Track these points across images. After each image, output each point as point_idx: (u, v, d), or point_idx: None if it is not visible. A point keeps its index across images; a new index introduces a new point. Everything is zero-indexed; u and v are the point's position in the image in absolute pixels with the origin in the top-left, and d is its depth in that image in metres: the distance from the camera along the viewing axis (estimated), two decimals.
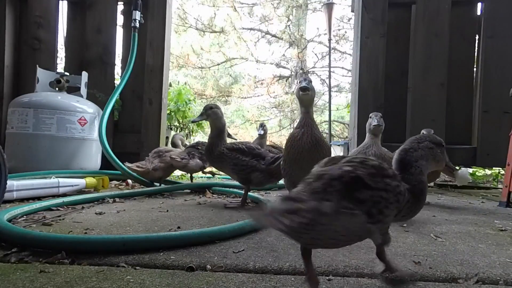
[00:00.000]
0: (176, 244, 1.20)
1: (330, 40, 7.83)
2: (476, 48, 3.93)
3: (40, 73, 3.28)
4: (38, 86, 3.24)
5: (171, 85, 5.76)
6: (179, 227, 1.50)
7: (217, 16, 14.04)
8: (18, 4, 3.93)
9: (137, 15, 3.59)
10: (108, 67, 3.91)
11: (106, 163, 3.23)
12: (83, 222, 1.57)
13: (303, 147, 1.70)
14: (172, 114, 5.55)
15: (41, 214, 1.71)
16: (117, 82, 3.82)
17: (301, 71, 14.27)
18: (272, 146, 3.00)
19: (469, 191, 3.49)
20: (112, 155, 2.99)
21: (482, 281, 1.00)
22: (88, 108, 3.23)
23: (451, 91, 3.81)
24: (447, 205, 2.46)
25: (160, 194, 2.57)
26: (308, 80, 1.69)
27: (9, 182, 1.74)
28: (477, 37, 3.92)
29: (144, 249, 1.15)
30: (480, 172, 4.88)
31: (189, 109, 5.80)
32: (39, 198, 2.13)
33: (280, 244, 1.28)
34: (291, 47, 14.35)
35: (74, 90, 3.39)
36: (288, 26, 14.14)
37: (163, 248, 1.17)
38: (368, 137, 1.95)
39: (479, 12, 3.93)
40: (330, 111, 7.52)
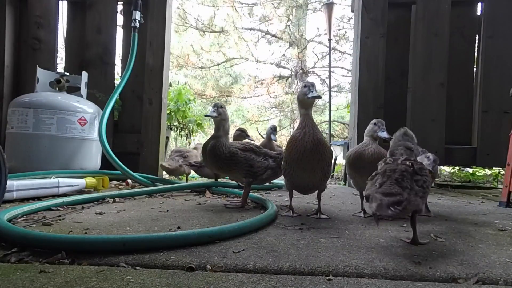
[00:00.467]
0: (176, 244, 1.20)
1: (330, 40, 7.81)
2: (476, 48, 3.93)
3: (40, 73, 3.28)
4: (38, 86, 3.24)
5: (171, 85, 5.75)
6: (179, 227, 1.50)
7: (217, 16, 14.04)
8: (18, 4, 3.93)
9: (137, 15, 3.59)
10: (108, 67, 3.91)
11: (106, 163, 3.23)
12: (83, 222, 1.57)
13: (305, 148, 1.72)
14: (172, 114, 5.54)
15: (41, 214, 1.71)
16: (117, 82, 3.82)
17: (301, 71, 14.26)
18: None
19: (469, 191, 3.49)
20: (112, 155, 3.00)
21: (482, 281, 1.00)
22: (88, 108, 3.23)
23: (451, 91, 3.81)
24: (447, 205, 2.46)
25: (160, 194, 2.57)
26: (315, 85, 1.74)
27: (9, 182, 1.74)
28: (477, 37, 3.92)
29: (144, 249, 1.15)
30: (480, 172, 4.88)
31: (189, 109, 5.79)
32: (39, 198, 2.13)
33: (280, 244, 1.28)
34: (291, 47, 14.34)
35: (74, 90, 3.39)
36: (288, 26, 14.13)
37: (163, 248, 1.17)
38: (367, 138, 1.95)
39: (479, 12, 3.93)
40: (330, 111, 7.50)
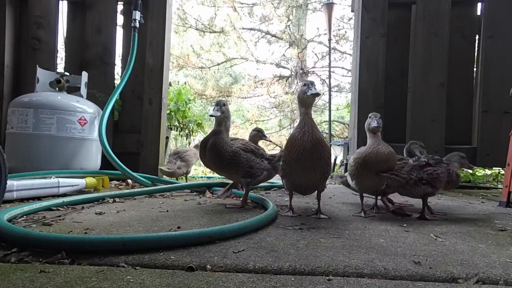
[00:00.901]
0: (176, 244, 1.19)
1: (330, 40, 7.82)
2: (476, 48, 3.93)
3: (40, 73, 3.28)
4: (38, 86, 3.24)
5: (171, 85, 5.75)
6: (179, 227, 1.50)
7: (217, 16, 14.05)
8: (18, 4, 3.93)
9: (137, 15, 3.59)
10: (108, 67, 3.91)
11: (106, 163, 3.23)
12: (83, 222, 1.57)
13: (304, 147, 1.72)
14: (172, 114, 5.53)
15: (41, 214, 1.71)
16: (117, 82, 3.82)
17: (301, 71, 14.27)
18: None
19: (469, 191, 3.49)
20: (112, 155, 3.00)
21: (482, 281, 1.00)
22: (88, 108, 3.23)
23: (451, 91, 3.81)
24: (447, 205, 2.46)
25: (160, 194, 2.57)
26: (314, 84, 1.75)
27: (9, 182, 1.74)
28: (477, 37, 3.92)
29: (144, 249, 1.14)
30: (480, 172, 4.88)
31: (189, 109, 5.79)
32: (39, 198, 2.13)
33: (280, 244, 1.28)
34: (291, 47, 14.35)
35: (74, 90, 3.39)
36: (288, 26, 14.14)
37: (163, 248, 1.17)
38: (369, 136, 1.96)
39: (479, 12, 3.93)
40: (330, 111, 7.52)
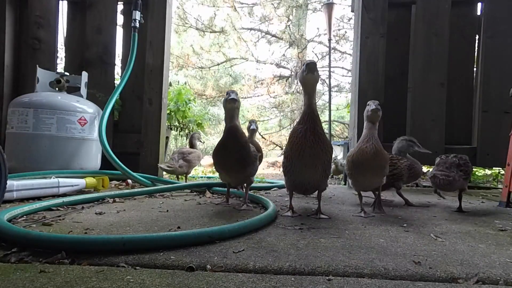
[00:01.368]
0: (176, 244, 1.20)
1: (330, 40, 7.80)
2: (476, 48, 3.93)
3: (40, 73, 3.28)
4: (38, 86, 3.24)
5: (171, 85, 5.75)
6: (179, 227, 1.50)
7: (217, 16, 14.03)
8: (18, 4, 3.92)
9: (137, 15, 3.59)
10: (108, 67, 3.91)
11: (106, 163, 3.23)
12: (83, 222, 1.57)
13: (305, 143, 1.69)
14: (172, 114, 5.53)
15: (41, 214, 1.71)
16: (117, 82, 3.82)
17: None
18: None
19: (469, 191, 3.49)
20: (112, 155, 3.00)
21: (482, 281, 1.00)
22: (88, 108, 3.23)
23: (451, 91, 3.81)
24: (447, 205, 2.46)
25: (160, 194, 2.57)
26: (315, 64, 1.67)
27: (9, 182, 1.74)
28: (477, 37, 3.92)
29: (144, 249, 1.15)
30: (480, 172, 4.88)
31: (189, 109, 5.78)
32: (39, 198, 2.13)
33: (280, 244, 1.28)
34: (291, 47, 14.34)
35: (74, 90, 3.39)
36: (288, 26, 14.13)
37: (163, 248, 1.17)
38: (366, 127, 1.89)
39: (479, 12, 3.93)
40: (330, 111, 7.50)
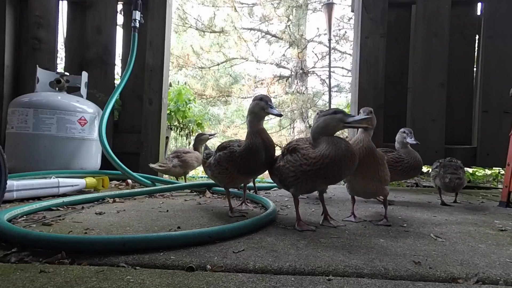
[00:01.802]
0: (176, 244, 1.20)
1: (330, 40, 7.82)
2: (476, 48, 3.93)
3: (40, 73, 3.28)
4: (38, 86, 3.24)
5: (171, 85, 5.75)
6: (179, 227, 1.50)
7: (217, 16, 14.05)
8: (18, 4, 3.92)
9: (137, 15, 3.59)
10: (108, 67, 3.91)
11: (106, 163, 3.23)
12: (83, 222, 1.57)
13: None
14: (172, 114, 5.53)
15: (41, 214, 1.71)
16: (117, 82, 3.82)
17: (301, 71, 14.28)
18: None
19: (469, 191, 3.49)
20: (112, 155, 3.00)
21: (482, 281, 1.00)
22: (88, 108, 3.23)
23: (451, 91, 3.81)
24: (447, 205, 2.46)
25: (160, 194, 2.57)
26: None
27: (9, 182, 1.74)
28: (477, 37, 3.92)
29: (144, 249, 1.15)
30: (480, 172, 4.88)
31: (189, 109, 5.78)
32: (39, 198, 2.13)
33: (280, 244, 1.28)
34: (291, 47, 14.35)
35: (74, 90, 3.39)
36: (288, 26, 14.14)
37: (163, 248, 1.17)
38: (359, 131, 1.89)
39: (479, 12, 3.93)
40: None
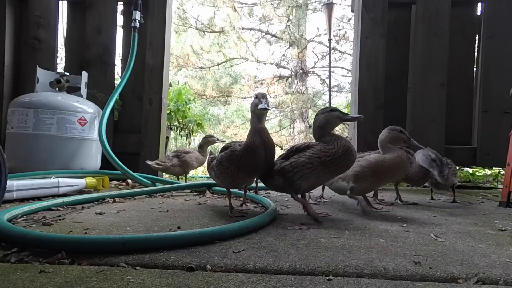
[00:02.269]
0: (176, 244, 1.19)
1: (330, 40, 7.83)
2: (476, 48, 3.93)
3: (40, 73, 3.28)
4: (38, 86, 3.24)
5: (171, 85, 5.75)
6: (179, 227, 1.50)
7: (217, 16, 14.07)
8: (18, 4, 3.93)
9: (137, 15, 3.59)
10: (108, 67, 3.91)
11: (106, 163, 3.23)
12: (83, 222, 1.57)
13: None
14: (172, 114, 5.53)
15: (41, 214, 1.71)
16: (117, 82, 3.82)
17: (301, 71, 14.28)
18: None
19: (469, 191, 3.49)
20: (112, 155, 3.00)
21: (482, 281, 0.99)
22: (88, 108, 3.23)
23: (451, 91, 3.81)
24: (447, 205, 2.46)
25: (160, 194, 2.57)
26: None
27: (9, 182, 1.74)
28: (477, 37, 3.92)
29: (144, 249, 1.14)
30: (480, 172, 4.87)
31: (189, 109, 5.78)
32: (39, 198, 2.13)
33: (280, 244, 1.28)
34: (291, 47, 14.35)
35: (74, 90, 3.39)
36: (288, 26, 14.14)
37: (163, 248, 1.17)
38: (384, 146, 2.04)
39: (479, 12, 3.94)
40: None
